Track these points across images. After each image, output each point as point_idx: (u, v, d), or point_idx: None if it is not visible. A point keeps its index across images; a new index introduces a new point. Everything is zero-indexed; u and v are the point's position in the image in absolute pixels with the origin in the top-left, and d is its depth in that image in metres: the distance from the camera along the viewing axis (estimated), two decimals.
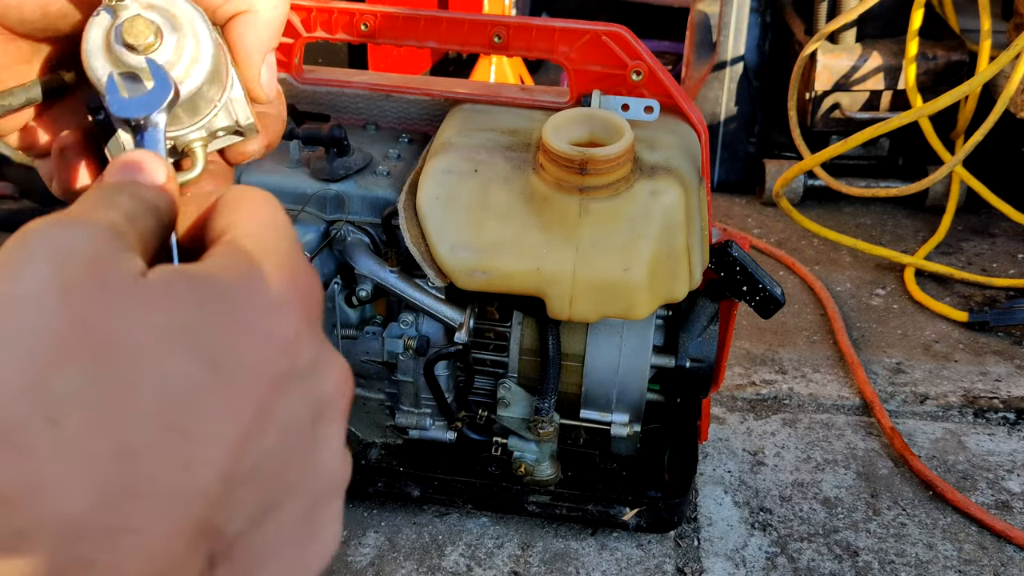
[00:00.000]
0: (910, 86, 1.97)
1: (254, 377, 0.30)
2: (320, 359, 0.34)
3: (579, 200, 0.99)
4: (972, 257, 1.96)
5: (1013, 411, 1.51)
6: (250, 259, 0.33)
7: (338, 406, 0.34)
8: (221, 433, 0.29)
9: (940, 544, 1.25)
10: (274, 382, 0.31)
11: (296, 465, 0.32)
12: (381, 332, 1.18)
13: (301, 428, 0.32)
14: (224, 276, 0.32)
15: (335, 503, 0.35)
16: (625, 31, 1.09)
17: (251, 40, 0.46)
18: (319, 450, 0.33)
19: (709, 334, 1.16)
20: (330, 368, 0.34)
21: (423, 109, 1.22)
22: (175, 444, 0.28)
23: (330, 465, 0.34)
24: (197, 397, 0.29)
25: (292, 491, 0.32)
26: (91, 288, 0.29)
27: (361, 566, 1.20)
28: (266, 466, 0.31)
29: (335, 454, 0.34)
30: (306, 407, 0.32)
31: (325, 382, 0.34)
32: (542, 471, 1.21)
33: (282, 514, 0.32)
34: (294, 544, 0.32)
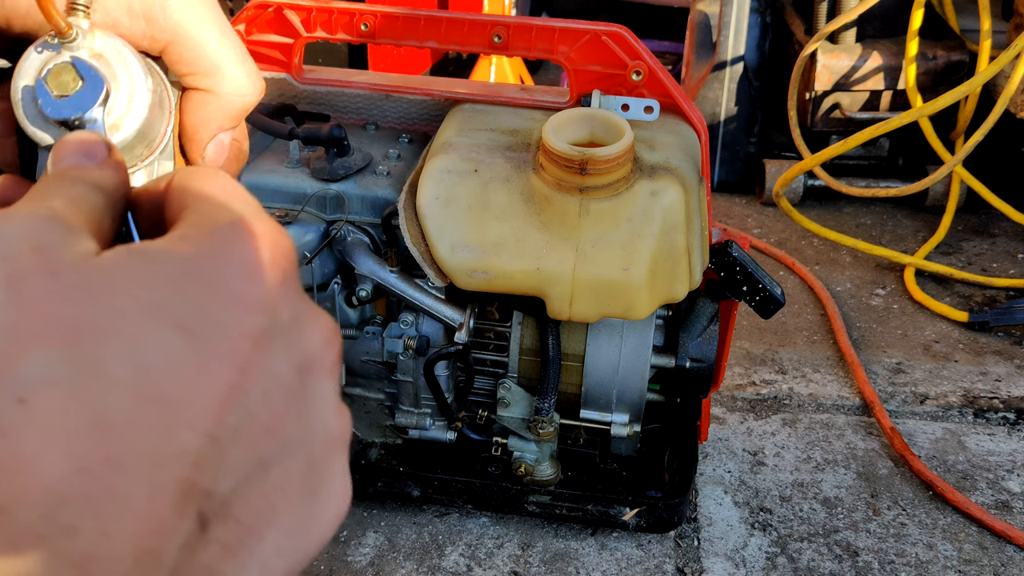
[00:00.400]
0: (910, 86, 1.97)
1: (230, 338, 0.30)
2: (301, 316, 0.33)
3: (579, 200, 0.99)
4: (972, 257, 1.96)
5: (1013, 411, 1.51)
6: (211, 227, 0.33)
7: (326, 361, 0.34)
8: (200, 396, 0.29)
9: (940, 544, 1.25)
10: (253, 341, 0.31)
11: (287, 422, 0.32)
12: (381, 332, 1.18)
13: (287, 385, 0.32)
14: (184, 247, 0.32)
15: (337, 458, 0.35)
16: (625, 31, 1.09)
17: (200, 119, 0.45)
18: (311, 405, 0.33)
19: (709, 334, 1.16)
20: (313, 324, 0.34)
21: (423, 109, 1.22)
22: (152, 411, 0.28)
23: (325, 420, 0.34)
24: (170, 364, 0.29)
25: (286, 448, 0.32)
26: (39, 275, 0.29)
27: (361, 566, 1.20)
28: (253, 424, 0.31)
29: (329, 408, 0.34)
30: (290, 364, 0.32)
31: (309, 338, 0.34)
32: (542, 471, 1.21)
33: (278, 471, 0.31)
34: (297, 501, 0.32)
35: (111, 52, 0.42)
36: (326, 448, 0.34)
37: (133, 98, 0.42)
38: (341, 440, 0.35)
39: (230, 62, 0.45)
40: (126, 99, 0.42)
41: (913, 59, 1.96)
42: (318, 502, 0.33)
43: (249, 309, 0.31)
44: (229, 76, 0.45)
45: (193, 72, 0.44)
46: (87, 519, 0.27)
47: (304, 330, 0.33)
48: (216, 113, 0.45)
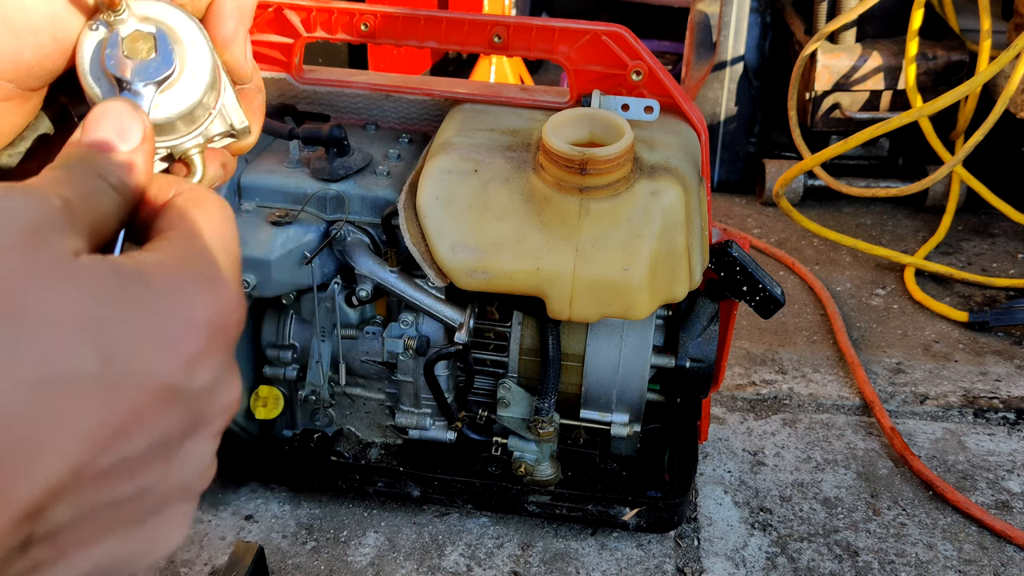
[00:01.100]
0: (910, 86, 1.97)
1: (142, 384, 0.31)
2: (216, 383, 0.34)
3: (579, 200, 0.99)
4: (972, 257, 1.96)
5: (1013, 411, 1.51)
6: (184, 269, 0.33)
7: (216, 426, 0.35)
8: (87, 428, 0.29)
9: (940, 544, 1.25)
10: (161, 394, 0.31)
11: (151, 473, 0.32)
12: (381, 332, 1.18)
13: (169, 443, 0.32)
14: (153, 277, 0.32)
15: (183, 508, 0.35)
16: (625, 31, 1.09)
17: (236, 19, 0.46)
18: (181, 464, 0.34)
19: (709, 334, 1.16)
20: (223, 392, 0.35)
21: (423, 109, 1.22)
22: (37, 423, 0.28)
23: (188, 478, 0.34)
24: (76, 385, 0.29)
25: (139, 495, 0.32)
26: (17, 253, 0.30)
27: (361, 566, 1.20)
28: (120, 469, 0.31)
29: (199, 466, 0.35)
30: (182, 425, 0.33)
31: (212, 404, 0.34)
32: (542, 471, 1.21)
33: (119, 512, 0.32)
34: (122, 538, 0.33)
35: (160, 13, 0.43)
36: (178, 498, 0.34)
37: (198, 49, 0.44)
38: (195, 494, 0.36)
39: None
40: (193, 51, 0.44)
41: (913, 59, 1.96)
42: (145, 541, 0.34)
43: (173, 365, 0.32)
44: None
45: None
46: None
47: (211, 398, 0.34)
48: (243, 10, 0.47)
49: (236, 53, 0.47)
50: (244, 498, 1.30)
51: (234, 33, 0.47)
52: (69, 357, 0.29)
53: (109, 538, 0.32)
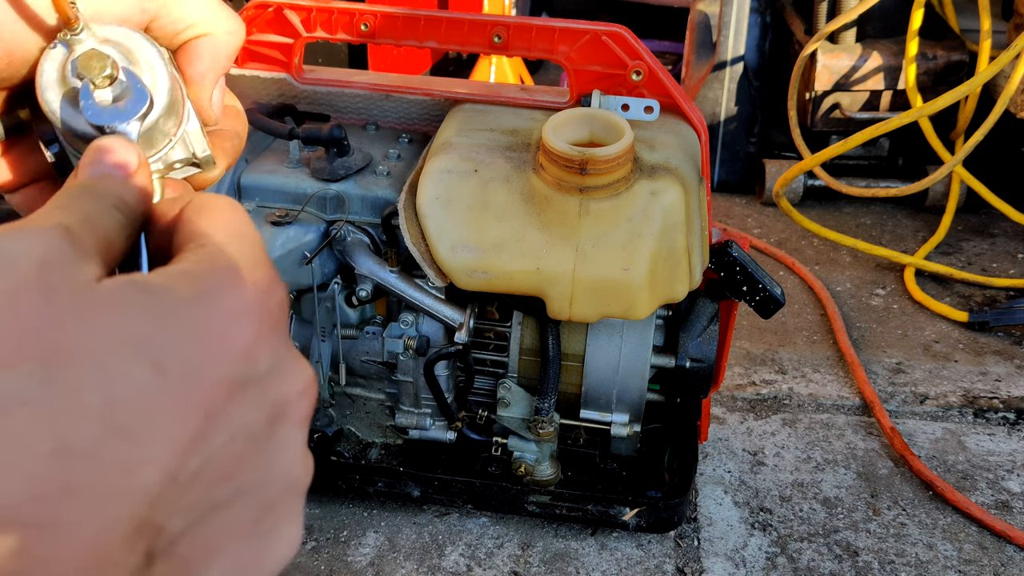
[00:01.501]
0: (910, 86, 1.97)
1: (204, 382, 0.31)
2: (281, 365, 0.34)
3: (579, 200, 0.99)
4: (972, 257, 1.96)
5: (1013, 411, 1.51)
6: (210, 269, 0.34)
7: (298, 411, 0.35)
8: (167, 435, 0.30)
9: (940, 544, 1.25)
10: (227, 389, 0.31)
11: (248, 468, 0.32)
12: (381, 332, 1.18)
13: (255, 432, 0.33)
14: (181, 286, 0.32)
15: (293, 504, 0.35)
16: (625, 31, 1.09)
17: (206, 62, 0.47)
18: (275, 454, 0.34)
19: (709, 334, 1.16)
20: (292, 374, 0.35)
21: (423, 109, 1.22)
22: (118, 445, 0.29)
23: (287, 469, 0.34)
24: (143, 400, 0.29)
25: (243, 493, 0.32)
26: (36, 295, 0.30)
27: (361, 566, 1.20)
28: (214, 468, 0.31)
29: (294, 458, 0.35)
30: (262, 412, 0.33)
31: (284, 388, 0.34)
32: (542, 471, 1.21)
33: (230, 515, 0.32)
34: (244, 541, 0.33)
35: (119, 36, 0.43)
36: (284, 494, 0.35)
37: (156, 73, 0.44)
38: (301, 487, 0.36)
39: (217, 6, 0.48)
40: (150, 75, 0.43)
41: (913, 59, 1.96)
42: (266, 544, 0.34)
43: (229, 357, 0.32)
44: (220, 19, 0.47)
45: (189, 24, 0.46)
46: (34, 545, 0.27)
47: (281, 381, 0.34)
48: (217, 55, 0.47)
49: (201, 95, 0.47)
50: None
51: (201, 76, 0.47)
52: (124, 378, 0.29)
53: (231, 545, 0.32)
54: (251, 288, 0.34)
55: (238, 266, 0.34)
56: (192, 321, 0.32)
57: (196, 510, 0.31)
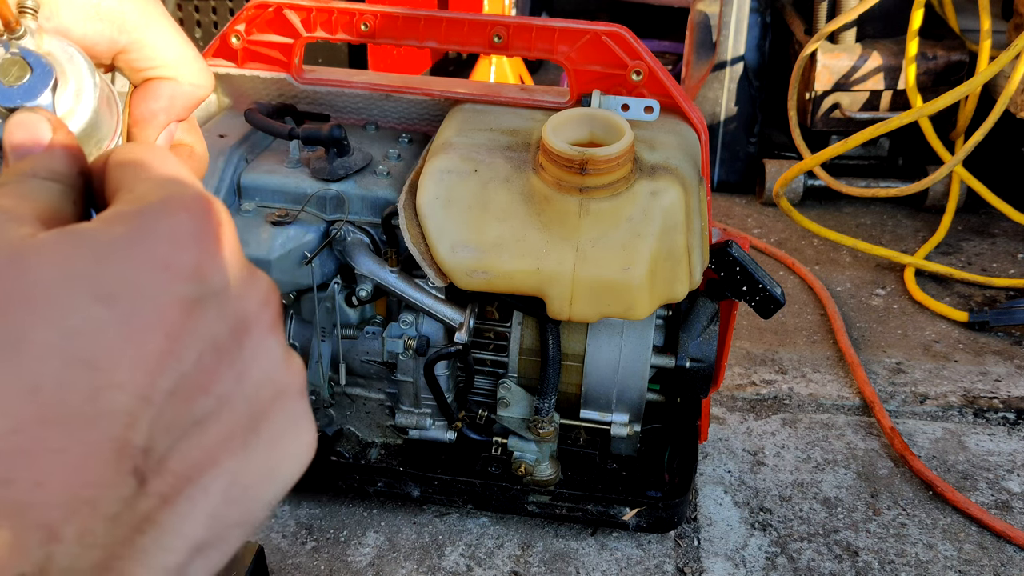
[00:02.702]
0: (910, 86, 1.97)
1: (156, 305, 0.32)
2: (235, 279, 0.35)
3: (579, 200, 0.99)
4: (972, 257, 1.96)
5: (1013, 411, 1.51)
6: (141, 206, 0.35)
7: (264, 318, 0.36)
8: (128, 360, 0.31)
9: (940, 544, 1.25)
10: (181, 307, 0.33)
11: (223, 379, 0.33)
12: (381, 332, 1.18)
13: (222, 345, 0.34)
14: (114, 224, 0.34)
15: (291, 406, 0.36)
16: (625, 31, 1.09)
17: (161, 103, 0.47)
18: (250, 362, 0.35)
19: (709, 334, 1.16)
20: (248, 286, 0.36)
21: (423, 109, 1.22)
22: (80, 375, 0.30)
23: (267, 375, 0.35)
24: (97, 332, 0.31)
25: (225, 403, 0.33)
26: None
27: (361, 566, 1.20)
28: (187, 385, 0.32)
29: (272, 363, 0.36)
30: (224, 325, 0.34)
31: (244, 299, 0.35)
32: (542, 471, 1.21)
33: (217, 426, 0.33)
34: (243, 451, 0.34)
35: (58, 50, 0.44)
36: (273, 400, 0.36)
37: (81, 92, 0.44)
38: (292, 389, 0.37)
39: (189, 56, 0.48)
40: (74, 93, 0.43)
41: (913, 59, 1.96)
42: (271, 449, 0.35)
43: (176, 278, 0.33)
44: (190, 67, 0.48)
45: (155, 66, 0.47)
46: (21, 471, 0.29)
47: (238, 292, 0.35)
48: (176, 100, 0.48)
49: (147, 134, 0.48)
50: None
51: (152, 114, 0.47)
52: (74, 314, 0.31)
53: (226, 456, 0.33)
54: (185, 213, 0.35)
55: (168, 196, 0.35)
56: (132, 252, 0.33)
57: (179, 427, 0.32)
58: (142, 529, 0.31)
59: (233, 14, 1.91)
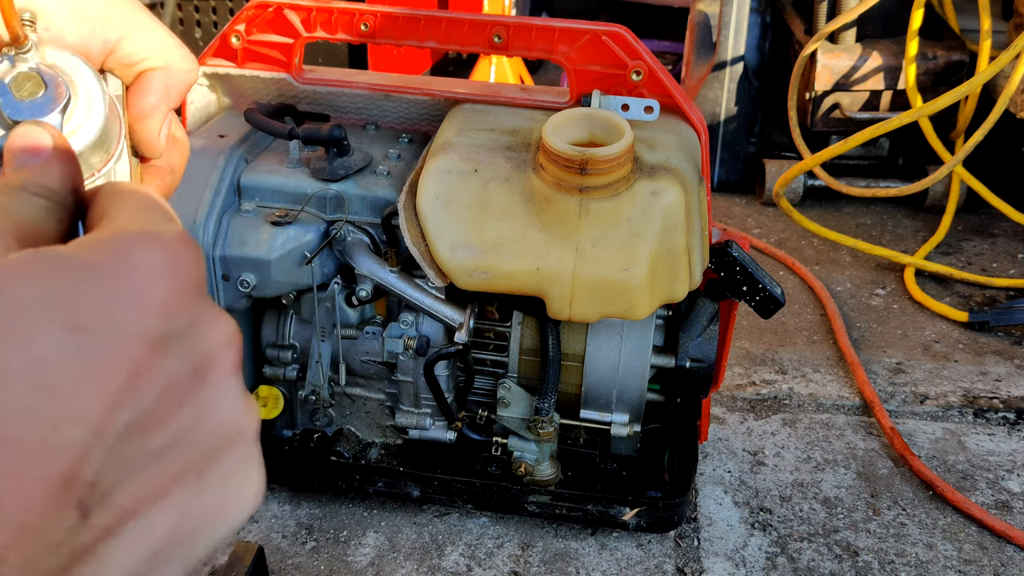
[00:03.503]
0: (910, 86, 1.97)
1: (124, 339, 0.32)
2: (201, 319, 0.35)
3: (579, 200, 0.99)
4: (972, 257, 1.96)
5: (1013, 411, 1.51)
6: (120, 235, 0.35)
7: (226, 361, 0.36)
8: (91, 392, 0.31)
9: (940, 544, 1.25)
10: (148, 343, 0.33)
11: (182, 417, 0.34)
12: (381, 332, 1.18)
13: (183, 384, 0.34)
14: (91, 251, 0.34)
15: (244, 450, 0.36)
16: (625, 31, 1.09)
17: (159, 95, 0.49)
18: (208, 403, 0.35)
19: (709, 334, 1.16)
20: (213, 327, 0.36)
21: (423, 109, 1.22)
22: (42, 403, 0.30)
23: (224, 417, 0.36)
24: (63, 360, 0.31)
25: (180, 442, 0.34)
26: None
27: (361, 566, 1.20)
28: (145, 421, 0.32)
29: (230, 406, 0.36)
30: (187, 364, 0.34)
31: (208, 340, 0.35)
32: (542, 471, 1.21)
33: (169, 463, 0.33)
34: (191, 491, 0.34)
35: (65, 63, 0.44)
36: (227, 442, 0.36)
37: (91, 108, 0.45)
38: (247, 432, 0.37)
39: (173, 43, 0.50)
40: (85, 109, 0.44)
41: (913, 59, 1.96)
42: (221, 491, 0.35)
43: (146, 314, 0.33)
44: (176, 54, 0.50)
45: (145, 57, 0.49)
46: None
47: (203, 334, 0.35)
48: (172, 87, 0.49)
49: (150, 127, 0.49)
50: None
51: (153, 108, 0.49)
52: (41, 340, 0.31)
53: (176, 492, 0.33)
54: (161, 249, 0.35)
55: (147, 231, 0.35)
56: (106, 283, 0.33)
57: (131, 461, 0.32)
58: (82, 559, 0.31)
59: (233, 14, 1.91)
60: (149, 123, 0.49)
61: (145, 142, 0.50)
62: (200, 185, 1.11)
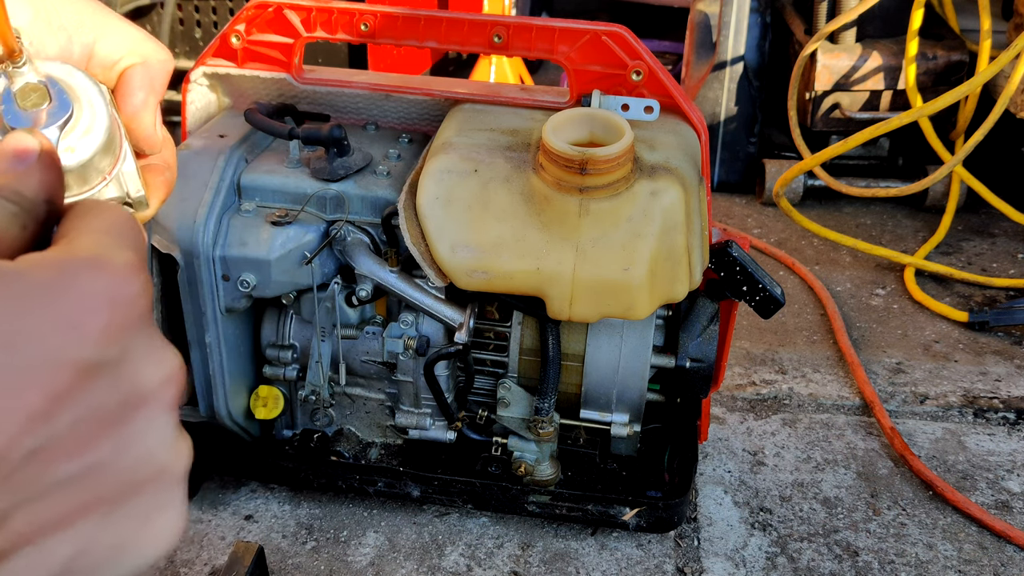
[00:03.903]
0: (910, 86, 1.97)
1: (52, 363, 0.32)
2: (140, 352, 0.35)
3: (579, 200, 0.99)
4: (972, 257, 1.96)
5: (1013, 411, 1.51)
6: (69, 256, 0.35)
7: (162, 398, 0.36)
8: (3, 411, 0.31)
9: (940, 544, 1.25)
10: (76, 370, 0.32)
11: (98, 449, 0.33)
12: (381, 332, 1.18)
13: (106, 416, 0.33)
14: (38, 270, 0.33)
15: (167, 488, 0.36)
16: (625, 31, 1.09)
17: (146, 89, 0.49)
18: (134, 438, 0.34)
19: (709, 334, 1.16)
20: (153, 362, 0.35)
21: (423, 109, 1.22)
22: None
23: (150, 453, 0.35)
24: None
25: (94, 472, 0.33)
26: None
27: (361, 566, 1.20)
28: (55, 448, 0.32)
29: (159, 443, 0.35)
30: (114, 396, 0.34)
31: (144, 375, 0.35)
32: (542, 471, 1.21)
33: (78, 493, 0.33)
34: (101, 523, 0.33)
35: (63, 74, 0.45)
36: (151, 478, 0.35)
37: (95, 113, 0.45)
38: (173, 471, 0.36)
39: (145, 37, 0.51)
40: (89, 115, 0.45)
41: (913, 59, 1.96)
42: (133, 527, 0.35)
43: (80, 340, 0.33)
44: (150, 47, 0.50)
45: (121, 56, 0.49)
46: None
47: (140, 367, 0.35)
48: (154, 80, 0.50)
49: (145, 123, 0.50)
50: (244, 498, 1.30)
51: (143, 104, 0.49)
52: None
53: (80, 523, 0.33)
54: (108, 277, 0.34)
55: (99, 256, 0.35)
56: (44, 304, 0.32)
57: (32, 488, 0.31)
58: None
59: (233, 14, 1.91)
60: (143, 119, 0.50)
61: (143, 138, 0.50)
62: (200, 185, 1.11)
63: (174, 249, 1.10)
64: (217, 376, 1.17)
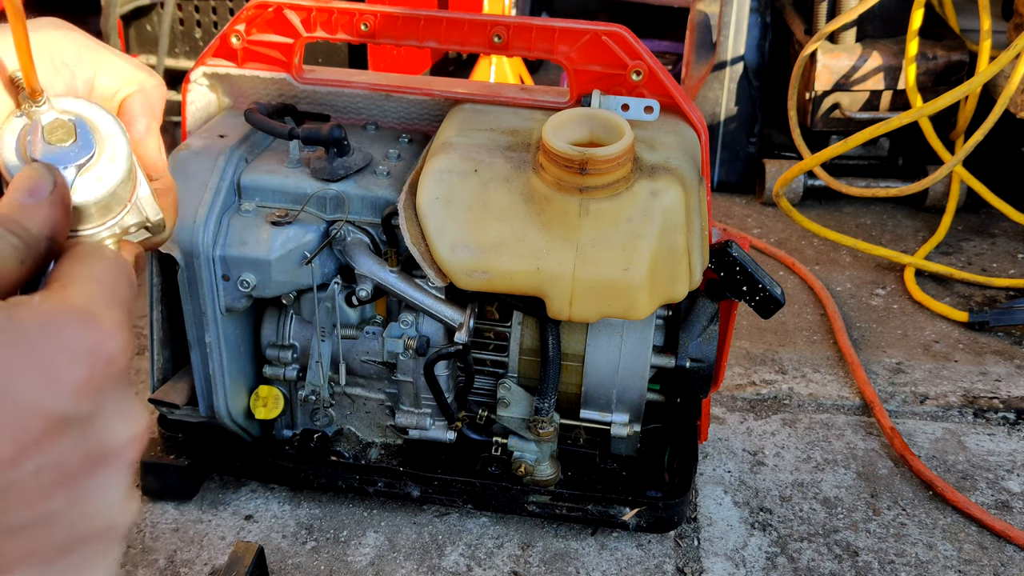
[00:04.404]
0: (910, 86, 1.97)
1: (24, 411, 0.32)
2: (111, 410, 0.35)
3: (579, 200, 0.99)
4: (972, 257, 1.96)
5: (1013, 411, 1.51)
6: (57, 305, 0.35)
7: (124, 456, 0.36)
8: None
9: (940, 544, 1.25)
10: (47, 421, 0.32)
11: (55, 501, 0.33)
12: (381, 332, 1.18)
13: (69, 469, 0.33)
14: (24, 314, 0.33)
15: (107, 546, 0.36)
16: (625, 31, 1.09)
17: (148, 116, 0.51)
18: (91, 493, 0.35)
19: (709, 334, 1.16)
20: (121, 420, 0.36)
21: (423, 109, 1.22)
22: None
23: (104, 509, 0.35)
24: None
25: (46, 522, 0.33)
26: None
27: (361, 566, 1.20)
28: (14, 494, 0.32)
29: (113, 500, 0.36)
30: (79, 451, 0.34)
31: (112, 433, 0.35)
32: (542, 471, 1.21)
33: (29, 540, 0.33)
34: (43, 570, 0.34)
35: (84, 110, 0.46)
36: (98, 532, 0.35)
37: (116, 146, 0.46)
38: (117, 529, 0.36)
39: (138, 66, 0.52)
40: (110, 148, 0.46)
41: (913, 59, 1.96)
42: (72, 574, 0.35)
43: (55, 392, 0.33)
44: (143, 74, 0.52)
45: (120, 86, 0.51)
46: None
47: (110, 425, 0.35)
48: (153, 106, 0.51)
49: (151, 148, 0.51)
50: (244, 498, 1.30)
51: (147, 130, 0.51)
52: None
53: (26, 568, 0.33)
54: (92, 333, 0.35)
55: (87, 309, 0.35)
56: (26, 352, 0.32)
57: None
58: None
59: (233, 14, 1.91)
60: (148, 145, 0.51)
61: (150, 163, 0.51)
62: (200, 185, 1.11)
63: (174, 249, 1.10)
64: (217, 376, 1.17)
